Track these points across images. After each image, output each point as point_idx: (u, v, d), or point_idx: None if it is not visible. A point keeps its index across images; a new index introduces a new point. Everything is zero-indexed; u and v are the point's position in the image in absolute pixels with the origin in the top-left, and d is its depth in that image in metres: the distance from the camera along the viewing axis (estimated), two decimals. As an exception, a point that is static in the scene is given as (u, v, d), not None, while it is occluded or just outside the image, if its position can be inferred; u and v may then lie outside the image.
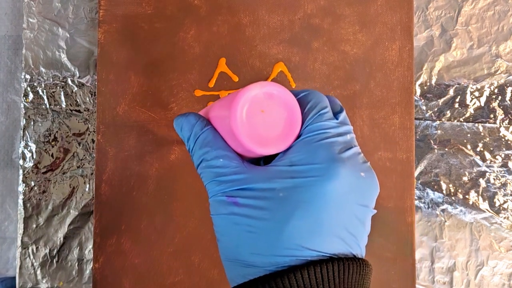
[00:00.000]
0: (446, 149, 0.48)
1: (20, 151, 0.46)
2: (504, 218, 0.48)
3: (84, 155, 0.46)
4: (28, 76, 0.46)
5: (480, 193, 0.48)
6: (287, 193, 0.21)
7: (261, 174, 0.22)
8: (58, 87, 0.46)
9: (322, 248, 0.21)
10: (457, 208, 0.47)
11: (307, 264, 0.20)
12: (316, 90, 0.44)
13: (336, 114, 0.24)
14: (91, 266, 0.46)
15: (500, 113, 0.48)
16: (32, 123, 0.46)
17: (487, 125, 0.48)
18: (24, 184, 0.46)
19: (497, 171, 0.48)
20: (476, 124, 0.48)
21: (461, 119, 0.48)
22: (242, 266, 0.22)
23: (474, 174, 0.48)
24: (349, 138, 0.23)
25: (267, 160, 0.25)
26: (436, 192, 0.47)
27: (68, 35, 0.47)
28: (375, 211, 0.23)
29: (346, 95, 0.44)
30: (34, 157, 0.46)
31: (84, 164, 0.46)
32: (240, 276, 0.22)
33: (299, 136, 0.23)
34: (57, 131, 0.46)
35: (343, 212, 0.21)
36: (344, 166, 0.21)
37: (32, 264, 0.45)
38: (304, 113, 0.24)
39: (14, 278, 0.46)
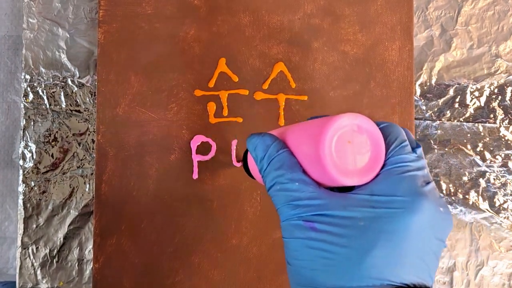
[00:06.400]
0: (446, 149, 0.48)
1: (20, 151, 0.46)
2: (504, 218, 0.48)
3: (84, 155, 0.46)
4: (28, 76, 0.46)
5: (480, 193, 0.48)
6: (368, 222, 0.21)
7: (340, 201, 0.22)
8: (58, 87, 0.46)
9: (399, 279, 0.21)
10: (457, 208, 0.47)
11: None
12: (317, 90, 0.44)
13: (413, 149, 0.25)
14: (91, 266, 0.46)
15: (500, 113, 0.48)
16: (32, 123, 0.46)
17: (487, 125, 0.48)
18: (24, 184, 0.46)
19: (497, 171, 0.48)
20: (476, 124, 0.48)
21: (461, 119, 0.48)
22: None
23: (474, 174, 0.48)
24: (426, 172, 0.24)
25: (341, 189, 0.25)
26: (436, 192, 0.47)
27: (68, 35, 0.47)
28: (446, 245, 0.24)
29: (346, 95, 0.44)
30: (34, 157, 0.46)
31: (84, 164, 0.46)
32: None
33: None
34: (57, 131, 0.46)
35: (422, 245, 0.22)
36: (427, 200, 0.22)
37: (32, 264, 0.45)
38: (385, 144, 0.24)
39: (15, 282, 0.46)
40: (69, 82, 0.46)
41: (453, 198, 0.47)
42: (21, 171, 0.46)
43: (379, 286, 0.21)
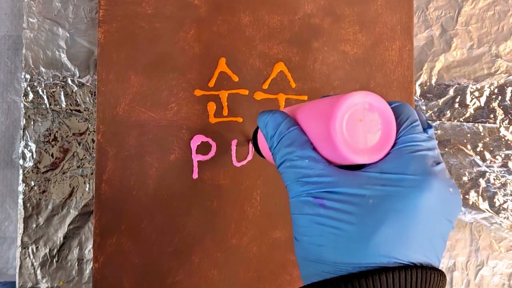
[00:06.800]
0: (446, 149, 0.48)
1: (20, 151, 0.46)
2: (504, 218, 0.48)
3: (84, 155, 0.46)
4: (28, 76, 0.46)
5: (480, 193, 0.48)
6: (377, 200, 0.21)
7: (350, 178, 0.22)
8: (58, 87, 0.46)
9: (407, 258, 0.21)
10: (457, 208, 0.47)
11: (392, 269, 0.21)
12: (317, 90, 0.44)
13: (424, 129, 0.25)
14: (91, 266, 0.46)
15: (500, 113, 0.48)
16: (32, 123, 0.46)
17: (487, 125, 0.48)
18: (24, 184, 0.46)
19: (497, 171, 0.48)
20: (476, 124, 0.48)
21: (461, 119, 0.48)
22: (322, 265, 0.22)
23: (474, 174, 0.48)
24: (437, 153, 0.24)
25: (351, 167, 0.25)
26: (436, 192, 0.47)
27: (68, 35, 0.47)
28: (454, 228, 0.24)
29: (346, 95, 0.44)
30: (34, 157, 0.46)
31: (84, 164, 0.46)
32: (316, 275, 0.23)
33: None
34: (57, 131, 0.46)
35: (430, 225, 0.22)
36: (437, 179, 0.22)
37: (32, 264, 0.45)
38: (397, 123, 0.24)
39: (15, 282, 0.46)
40: (69, 82, 0.46)
41: (453, 198, 0.47)
42: (21, 171, 0.46)
43: (386, 264, 0.21)
